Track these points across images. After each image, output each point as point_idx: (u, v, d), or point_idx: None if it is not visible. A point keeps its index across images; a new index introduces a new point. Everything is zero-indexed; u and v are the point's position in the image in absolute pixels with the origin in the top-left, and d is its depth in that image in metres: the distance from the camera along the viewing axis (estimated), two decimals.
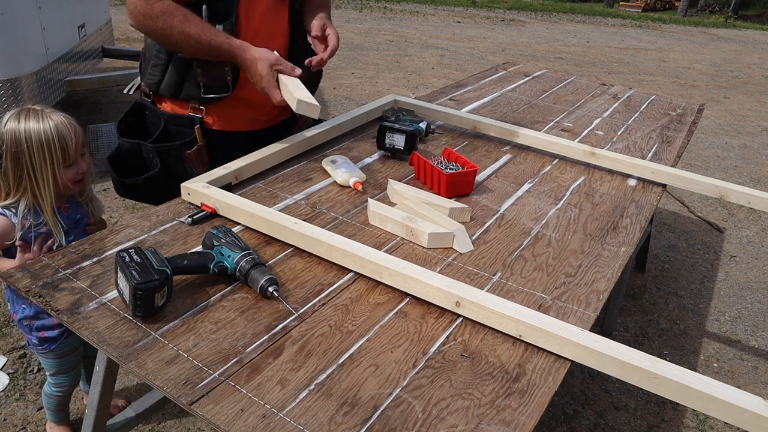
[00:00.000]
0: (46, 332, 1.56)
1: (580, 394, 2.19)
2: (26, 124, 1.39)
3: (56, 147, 1.40)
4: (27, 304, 1.53)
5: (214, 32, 1.48)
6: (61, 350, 1.61)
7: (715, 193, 1.74)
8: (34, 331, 1.56)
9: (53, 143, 1.40)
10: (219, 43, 1.48)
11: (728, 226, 3.69)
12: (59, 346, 1.60)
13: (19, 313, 1.54)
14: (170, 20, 1.45)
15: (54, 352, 1.61)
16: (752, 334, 2.65)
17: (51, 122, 1.41)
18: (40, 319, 1.54)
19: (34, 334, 1.56)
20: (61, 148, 1.41)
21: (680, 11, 18.46)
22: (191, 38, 1.46)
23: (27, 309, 1.54)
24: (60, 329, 1.58)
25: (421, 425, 0.87)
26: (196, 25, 1.47)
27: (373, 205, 1.41)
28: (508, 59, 7.18)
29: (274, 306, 1.09)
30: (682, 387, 0.94)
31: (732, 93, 7.22)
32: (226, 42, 1.49)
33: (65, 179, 1.45)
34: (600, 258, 1.35)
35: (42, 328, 1.55)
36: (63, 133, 1.41)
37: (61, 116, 1.44)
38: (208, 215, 1.36)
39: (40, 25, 3.27)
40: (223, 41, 1.49)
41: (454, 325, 1.09)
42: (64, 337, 1.59)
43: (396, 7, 12.48)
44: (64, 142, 1.41)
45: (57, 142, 1.40)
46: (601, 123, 2.31)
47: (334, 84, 5.89)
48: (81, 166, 1.48)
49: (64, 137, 1.41)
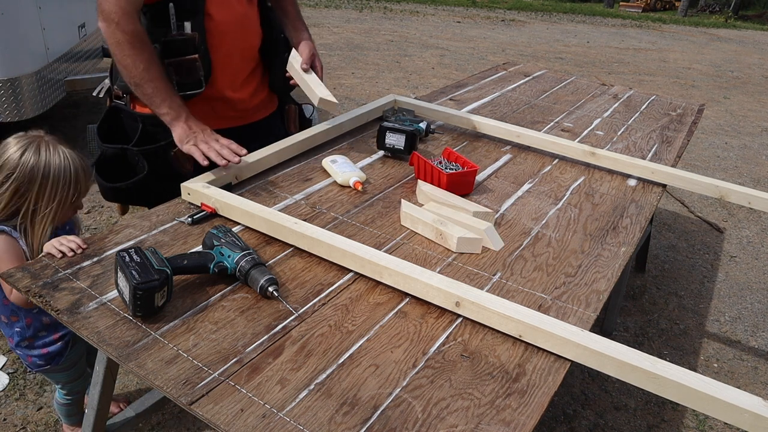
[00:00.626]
0: (49, 348, 1.51)
1: (580, 394, 2.19)
2: (47, 156, 1.34)
3: (72, 187, 1.37)
4: (22, 325, 1.46)
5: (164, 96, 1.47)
6: (69, 361, 1.56)
7: (715, 193, 1.74)
8: (35, 350, 1.50)
9: (69, 184, 1.36)
10: (156, 105, 1.47)
11: (728, 226, 3.69)
12: (67, 357, 1.55)
13: (15, 337, 1.48)
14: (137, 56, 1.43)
15: (62, 365, 1.55)
16: (752, 334, 2.65)
17: (70, 160, 1.37)
18: (40, 338, 1.49)
19: (36, 353, 1.50)
20: (75, 189, 1.38)
21: (680, 11, 18.46)
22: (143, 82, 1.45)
23: (23, 331, 1.47)
24: (63, 341, 1.52)
25: (421, 425, 0.87)
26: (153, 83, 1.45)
27: (405, 206, 1.41)
28: (509, 59, 7.18)
29: (274, 306, 1.09)
30: (682, 387, 0.94)
31: (732, 93, 7.22)
32: (166, 114, 1.48)
33: (64, 217, 1.42)
34: (600, 258, 1.35)
35: (44, 345, 1.50)
36: (80, 174, 1.38)
37: (75, 154, 1.41)
38: (208, 215, 1.36)
39: (40, 25, 3.27)
40: (165, 112, 1.48)
41: (454, 325, 1.09)
42: (70, 347, 1.54)
43: (396, 7, 12.49)
44: (79, 184, 1.39)
45: (73, 184, 1.37)
46: (601, 123, 2.31)
47: (334, 84, 5.89)
48: (79, 204, 1.46)
49: (80, 179, 1.39)
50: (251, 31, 1.70)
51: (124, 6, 1.40)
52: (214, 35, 1.57)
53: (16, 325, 1.47)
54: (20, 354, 1.52)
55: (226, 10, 1.59)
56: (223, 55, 1.61)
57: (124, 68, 1.45)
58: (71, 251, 1.18)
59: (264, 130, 1.80)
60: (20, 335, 1.48)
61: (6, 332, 1.50)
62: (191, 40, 1.53)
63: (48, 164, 1.33)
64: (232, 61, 1.66)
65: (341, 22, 9.70)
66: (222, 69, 1.63)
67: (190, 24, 1.52)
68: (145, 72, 1.44)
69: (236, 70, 1.69)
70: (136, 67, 1.43)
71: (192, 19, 1.52)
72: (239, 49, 1.67)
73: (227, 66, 1.64)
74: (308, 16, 9.62)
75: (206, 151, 1.44)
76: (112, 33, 1.42)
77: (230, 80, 1.67)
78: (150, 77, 1.45)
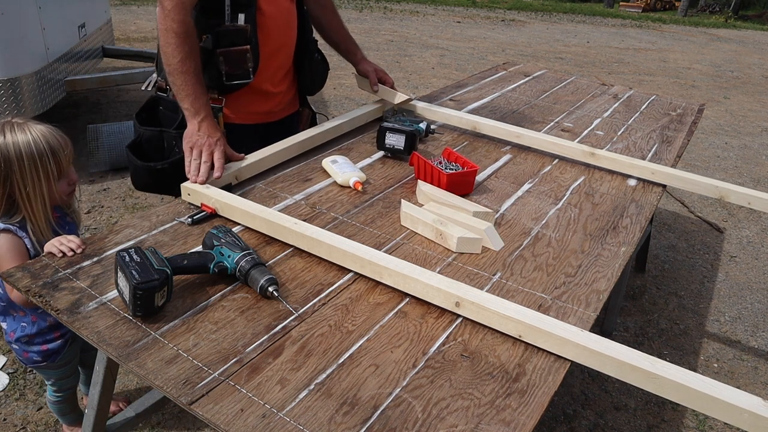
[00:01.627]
0: (49, 345, 1.51)
1: (580, 394, 2.19)
2: (12, 137, 1.32)
3: (49, 160, 1.34)
4: (28, 321, 1.47)
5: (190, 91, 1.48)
6: (64, 359, 1.57)
7: (715, 194, 1.74)
8: (34, 347, 1.50)
9: (46, 156, 1.33)
10: (181, 98, 1.49)
11: (728, 226, 3.69)
12: (63, 355, 1.55)
13: (17, 332, 1.48)
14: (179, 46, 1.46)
15: (58, 363, 1.56)
16: (752, 334, 2.65)
17: (38, 134, 1.33)
18: (41, 335, 1.49)
19: (35, 350, 1.50)
20: (54, 160, 1.35)
21: (680, 11, 18.46)
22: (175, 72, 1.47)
23: (27, 327, 1.47)
24: (63, 339, 1.53)
25: (421, 425, 0.87)
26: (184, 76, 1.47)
27: (405, 206, 1.41)
28: (509, 59, 7.18)
29: (274, 306, 1.09)
30: (681, 387, 0.94)
31: (732, 93, 7.22)
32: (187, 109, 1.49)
33: (60, 192, 1.40)
34: (600, 258, 1.35)
35: (44, 342, 1.50)
36: (53, 144, 1.35)
37: (47, 126, 1.38)
38: (208, 215, 1.36)
39: (40, 25, 3.27)
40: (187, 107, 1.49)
41: (454, 325, 1.09)
42: (68, 345, 1.55)
43: (396, 7, 12.48)
44: (56, 154, 1.35)
45: (50, 155, 1.34)
46: (601, 123, 2.31)
47: (334, 84, 5.89)
48: (71, 177, 1.44)
49: (55, 148, 1.35)
50: (293, 27, 1.77)
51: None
52: (262, 29, 1.61)
53: (23, 320, 1.48)
54: (16, 349, 1.52)
55: (274, 5, 1.64)
56: (269, 49, 1.66)
57: (164, 54, 1.48)
58: (71, 251, 1.18)
59: (286, 128, 1.85)
60: (23, 330, 1.48)
61: (10, 326, 1.49)
62: (243, 31, 1.57)
63: (17, 143, 1.31)
64: (276, 56, 1.71)
65: None
66: (267, 62, 1.67)
67: (244, 16, 1.56)
68: (181, 63, 1.46)
69: (279, 65, 1.75)
70: (174, 57, 1.45)
71: (245, 12, 1.56)
72: (283, 45, 1.73)
73: (272, 60, 1.70)
74: None
75: (193, 159, 1.46)
76: (163, 19, 1.45)
77: (272, 74, 1.73)
78: (183, 69, 1.46)
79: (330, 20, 1.94)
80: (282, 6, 1.68)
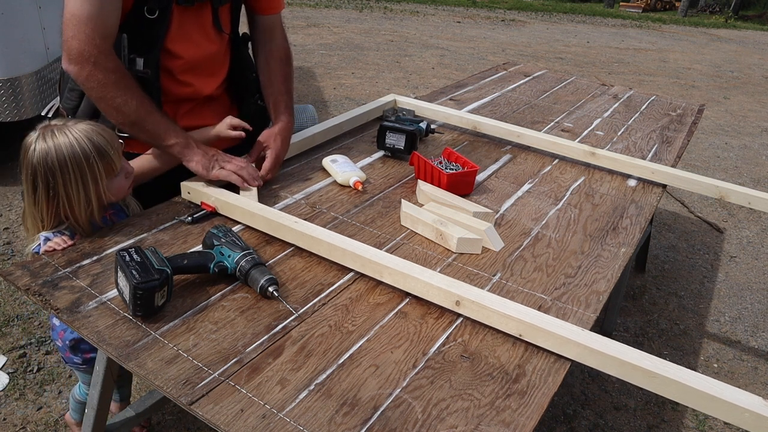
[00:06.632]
0: (93, 353, 1.47)
1: (580, 395, 2.18)
2: (55, 143, 1.19)
3: (96, 158, 1.21)
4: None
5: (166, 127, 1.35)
6: None
7: (715, 194, 1.74)
8: (79, 352, 1.47)
9: (93, 156, 1.21)
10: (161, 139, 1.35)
11: (728, 226, 3.68)
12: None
13: (67, 333, 1.44)
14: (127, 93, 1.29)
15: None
16: (752, 334, 2.65)
17: (80, 134, 1.21)
18: (86, 342, 1.41)
19: (79, 355, 1.48)
20: (102, 158, 1.22)
21: (680, 12, 18.45)
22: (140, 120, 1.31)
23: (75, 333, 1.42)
24: None
25: (421, 426, 0.87)
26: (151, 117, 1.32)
27: (405, 206, 1.41)
28: (509, 59, 7.18)
29: (274, 306, 1.09)
30: (682, 387, 0.94)
31: (732, 93, 7.21)
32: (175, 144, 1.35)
33: (119, 187, 1.30)
34: (600, 259, 1.35)
35: (90, 350, 1.47)
36: (99, 143, 1.22)
37: (88, 124, 1.25)
38: (208, 214, 1.36)
39: (40, 24, 3.27)
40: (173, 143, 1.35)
41: (454, 325, 1.09)
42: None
43: (396, 7, 12.48)
44: (103, 153, 1.22)
45: (97, 154, 1.21)
46: (601, 123, 2.30)
47: (334, 84, 5.89)
48: (126, 168, 1.31)
49: (101, 147, 1.22)
50: (219, 70, 1.55)
51: (99, 43, 1.26)
52: (173, 73, 1.42)
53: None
54: (60, 347, 1.48)
55: (192, 47, 1.43)
56: (185, 94, 1.48)
57: (114, 110, 1.30)
58: (60, 246, 1.18)
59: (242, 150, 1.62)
60: (73, 334, 1.44)
61: (61, 325, 1.44)
62: (140, 78, 1.36)
63: (59, 148, 1.20)
64: (201, 101, 1.53)
65: (341, 22, 9.69)
66: (189, 108, 1.51)
67: (143, 60, 1.35)
68: (140, 107, 1.30)
69: (212, 110, 1.56)
70: (128, 106, 1.29)
71: (145, 56, 1.35)
72: (205, 88, 1.52)
73: (198, 105, 1.53)
74: (308, 16, 9.65)
75: (238, 171, 1.40)
76: (89, 75, 1.26)
77: (209, 118, 1.52)
78: (147, 111, 1.31)
79: (271, 69, 1.60)
80: (203, 48, 1.45)
